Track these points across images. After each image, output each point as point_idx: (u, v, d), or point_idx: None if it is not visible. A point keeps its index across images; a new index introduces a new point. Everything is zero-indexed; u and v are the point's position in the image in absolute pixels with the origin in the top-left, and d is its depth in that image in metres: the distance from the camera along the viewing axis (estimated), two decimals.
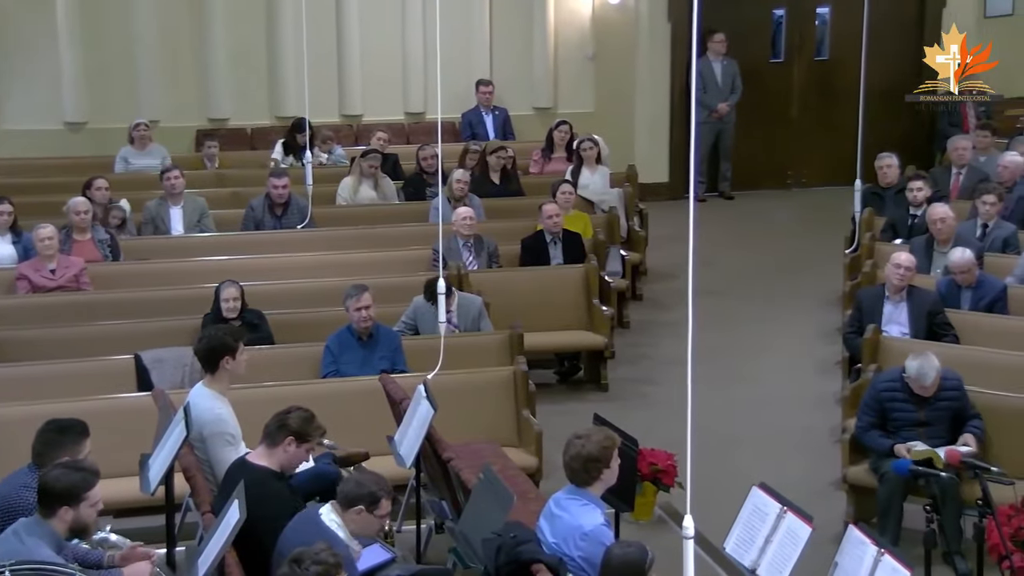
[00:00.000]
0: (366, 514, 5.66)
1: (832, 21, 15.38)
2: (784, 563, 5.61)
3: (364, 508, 5.65)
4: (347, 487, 5.74)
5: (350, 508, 5.66)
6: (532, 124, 14.66)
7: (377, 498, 5.67)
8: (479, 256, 10.35)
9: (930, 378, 7.34)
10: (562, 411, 9.33)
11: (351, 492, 5.69)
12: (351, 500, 5.66)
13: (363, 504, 5.65)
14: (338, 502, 5.71)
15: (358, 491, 5.68)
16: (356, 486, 5.71)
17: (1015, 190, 10.87)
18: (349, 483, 5.79)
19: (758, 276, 12.67)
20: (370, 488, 5.68)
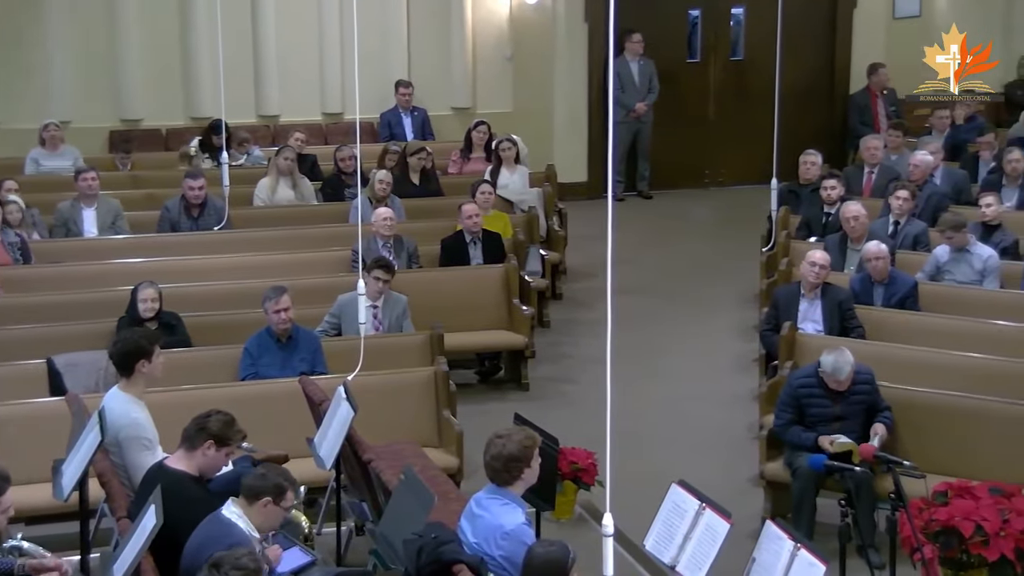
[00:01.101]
0: (272, 506, 5.65)
1: (746, 22, 15.55)
2: (703, 559, 5.66)
3: (271, 500, 5.64)
4: (251, 480, 5.72)
5: (256, 501, 5.63)
6: (451, 124, 14.65)
7: (283, 489, 5.66)
8: (399, 257, 10.32)
9: (845, 372, 7.47)
10: (483, 411, 9.33)
11: (257, 484, 5.67)
12: (257, 492, 5.64)
13: (270, 496, 5.63)
14: (243, 496, 5.68)
15: (263, 483, 5.66)
16: (260, 479, 5.70)
17: (925, 188, 11.08)
18: (253, 476, 5.75)
19: (676, 275, 12.77)
20: (275, 480, 5.68)
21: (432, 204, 11.87)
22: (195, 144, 13.09)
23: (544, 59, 14.95)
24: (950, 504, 6.23)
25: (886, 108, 14.61)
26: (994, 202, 10.19)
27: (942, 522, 6.14)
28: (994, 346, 8.54)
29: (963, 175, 11.87)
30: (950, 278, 9.71)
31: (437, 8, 14.71)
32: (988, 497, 6.23)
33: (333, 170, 12.27)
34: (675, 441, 9.15)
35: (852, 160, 13.85)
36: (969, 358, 8.39)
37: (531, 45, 14.89)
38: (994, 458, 7.40)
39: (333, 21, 14.33)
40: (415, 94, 14.36)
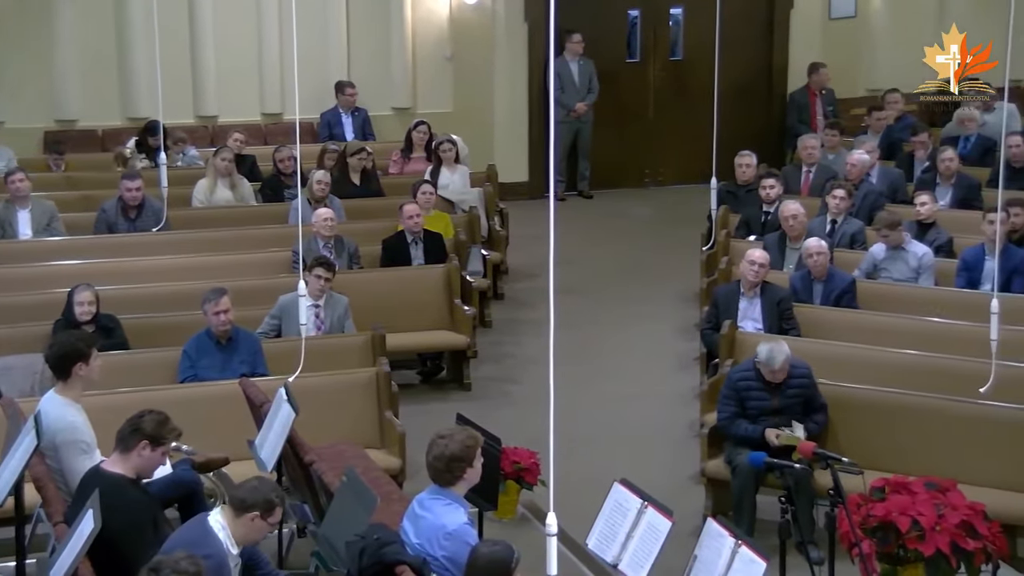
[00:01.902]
0: (260, 520, 5.58)
1: (685, 22, 15.64)
2: (645, 557, 5.69)
3: (259, 514, 5.57)
4: (242, 492, 5.62)
5: (244, 513, 5.56)
6: (391, 124, 14.61)
7: (272, 504, 5.59)
8: (340, 257, 10.28)
9: (778, 361, 7.55)
10: (425, 411, 9.32)
11: (247, 497, 5.58)
12: (247, 505, 5.56)
13: (258, 510, 5.56)
14: (231, 506, 5.61)
15: (254, 496, 5.57)
16: (252, 491, 5.60)
17: (862, 187, 11.20)
18: (245, 488, 5.65)
19: (618, 274, 12.82)
20: (266, 494, 5.59)
21: (373, 204, 11.84)
22: (131, 145, 12.96)
23: (484, 59, 14.95)
24: (887, 500, 6.32)
25: (824, 108, 14.76)
26: (928, 201, 10.33)
27: (879, 517, 6.23)
28: (929, 343, 8.65)
29: (898, 174, 12.02)
30: (886, 276, 9.83)
31: (376, 8, 14.67)
32: (924, 492, 6.33)
33: (272, 171, 12.19)
34: (617, 440, 9.19)
35: (790, 159, 13.97)
36: (905, 355, 8.50)
37: (471, 45, 14.88)
38: (930, 453, 7.51)
39: (272, 21, 14.24)
40: (356, 94, 14.30)
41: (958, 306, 9.09)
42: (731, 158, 11.79)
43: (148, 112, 13.16)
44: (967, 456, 7.45)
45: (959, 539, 6.13)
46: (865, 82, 15.54)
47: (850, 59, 15.51)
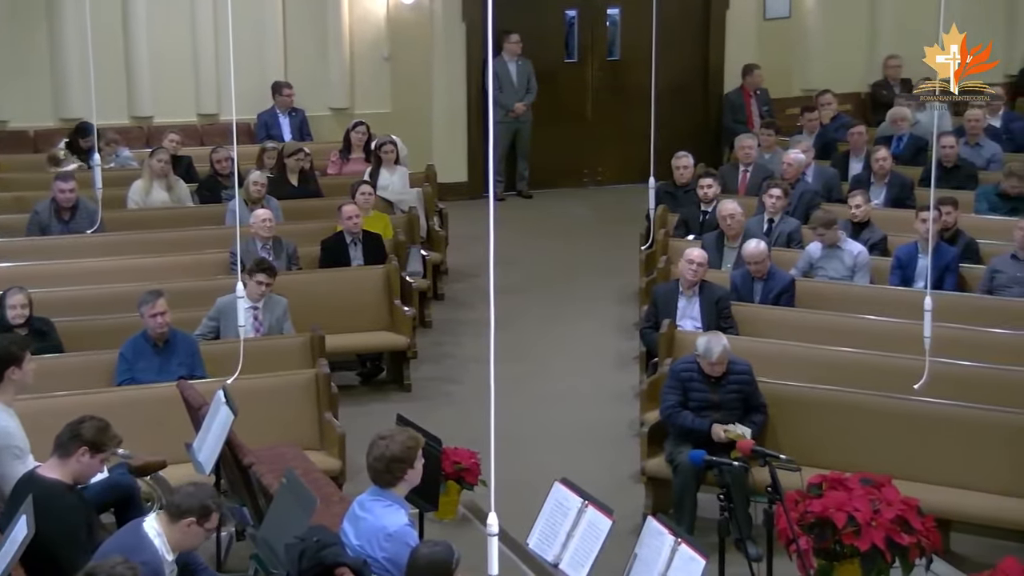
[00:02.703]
0: (196, 527, 5.53)
1: (622, 22, 15.69)
2: (586, 556, 5.70)
3: (195, 520, 5.52)
4: (178, 498, 5.58)
5: (180, 519, 5.51)
6: (329, 125, 14.54)
7: (209, 510, 5.55)
8: (278, 258, 10.22)
9: (715, 353, 7.61)
10: (365, 412, 9.30)
11: (183, 503, 5.53)
12: (182, 511, 5.52)
13: (194, 516, 5.51)
14: (166, 512, 5.56)
15: (189, 502, 5.53)
16: (188, 497, 5.56)
17: (798, 186, 11.31)
18: (181, 494, 5.61)
19: (557, 274, 12.85)
20: (202, 500, 5.55)
21: (311, 205, 11.78)
22: (62, 146, 12.77)
23: (422, 59, 14.92)
24: (824, 496, 6.38)
25: (759, 108, 14.89)
26: (862, 201, 10.44)
27: (816, 514, 6.28)
28: (865, 340, 8.75)
29: (834, 173, 12.15)
30: (822, 274, 9.93)
31: (313, 8, 14.58)
32: (860, 488, 6.40)
33: (209, 172, 12.10)
34: (558, 439, 9.21)
35: (727, 159, 14.07)
36: (841, 352, 8.59)
37: (409, 45, 14.84)
38: (866, 449, 7.60)
39: (207, 20, 14.11)
40: (293, 94, 14.21)
41: (892, 304, 9.21)
42: (669, 158, 11.87)
43: (81, 113, 12.99)
44: (902, 452, 7.56)
45: (894, 534, 6.20)
46: (800, 82, 15.68)
47: (785, 59, 15.65)
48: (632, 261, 11.60)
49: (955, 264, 9.66)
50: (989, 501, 7.32)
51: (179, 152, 12.53)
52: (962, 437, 7.52)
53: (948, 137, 11.90)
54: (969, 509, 7.32)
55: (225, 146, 11.94)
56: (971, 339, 8.62)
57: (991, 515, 7.30)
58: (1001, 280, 9.46)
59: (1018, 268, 9.44)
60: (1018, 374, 8.13)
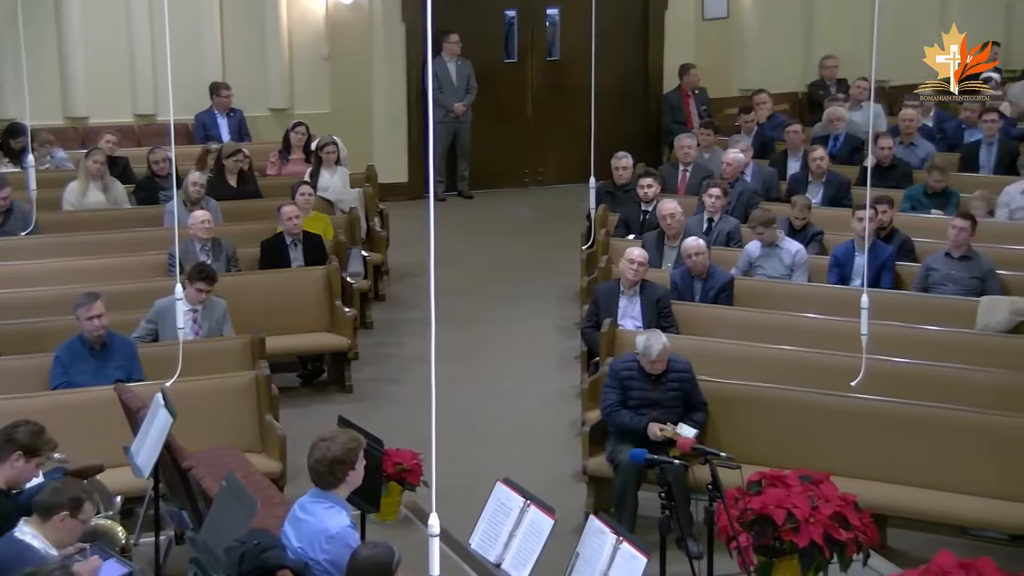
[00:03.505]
0: (70, 519, 5.53)
1: (562, 22, 15.74)
2: (528, 556, 5.71)
3: (67, 514, 5.51)
4: (44, 496, 5.58)
5: (51, 516, 5.49)
6: (268, 125, 14.44)
7: (79, 501, 5.56)
8: (217, 260, 10.15)
9: (654, 351, 7.65)
10: (306, 414, 9.25)
11: (49, 500, 5.54)
12: (50, 508, 5.51)
13: (66, 510, 5.50)
14: (36, 514, 5.54)
15: (57, 498, 5.54)
16: (53, 493, 5.57)
17: (737, 185, 11.40)
18: (46, 492, 5.62)
19: (499, 274, 12.86)
20: (70, 493, 5.56)
21: (250, 206, 11.70)
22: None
23: (362, 59, 14.86)
24: (763, 493, 6.43)
25: (698, 107, 14.99)
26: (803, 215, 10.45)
27: (756, 511, 6.33)
28: (803, 338, 8.83)
29: (772, 172, 12.25)
30: (761, 273, 10.02)
31: (251, 8, 14.48)
32: (799, 485, 6.45)
33: (146, 173, 11.98)
34: (500, 439, 9.22)
35: (667, 159, 14.15)
36: (780, 350, 8.67)
37: (348, 45, 14.79)
38: (804, 446, 7.67)
39: (143, 20, 13.96)
40: (231, 95, 14.10)
41: (830, 302, 9.30)
42: (609, 157, 11.90)
43: (15, 114, 12.82)
44: (839, 448, 7.64)
45: (832, 530, 6.26)
46: (738, 82, 15.81)
47: (723, 59, 15.77)
48: (573, 261, 11.63)
49: (891, 262, 9.78)
50: (925, 496, 7.42)
51: (115, 153, 12.40)
52: (898, 433, 7.62)
53: (885, 138, 12.05)
54: (905, 504, 7.41)
55: (162, 147, 11.82)
56: (907, 336, 8.73)
57: (927, 510, 7.40)
58: (935, 278, 9.60)
59: (952, 266, 9.57)
60: (953, 370, 8.24)
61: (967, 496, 7.36)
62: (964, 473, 7.42)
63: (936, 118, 13.72)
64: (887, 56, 14.49)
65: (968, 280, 9.50)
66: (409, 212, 13.30)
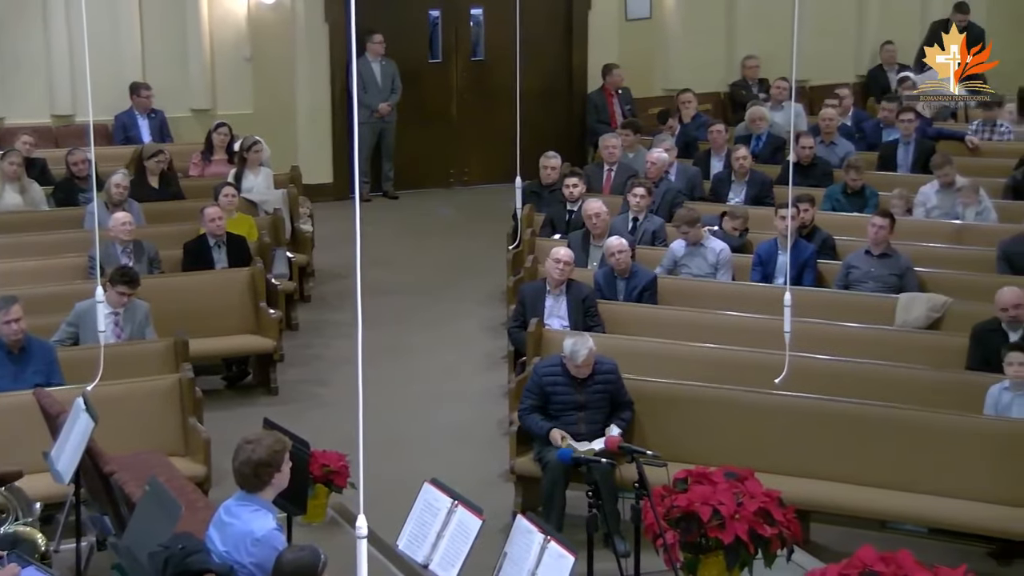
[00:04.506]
0: None
1: (486, 22, 15.74)
2: (456, 556, 5.71)
3: None
4: None
5: None
6: (190, 126, 14.29)
7: None
8: (139, 262, 10.03)
9: (581, 355, 7.68)
10: (231, 417, 9.17)
11: None
12: None
13: None
14: None
15: None
16: None
17: (661, 185, 11.47)
18: None
19: (425, 274, 12.83)
20: None
21: (173, 208, 11.58)
22: None
23: (285, 60, 14.76)
24: (689, 490, 6.49)
25: (622, 107, 15.07)
26: (738, 225, 10.55)
27: (682, 508, 6.39)
28: (727, 336, 8.92)
29: (696, 172, 12.36)
30: (686, 271, 10.10)
31: (171, 7, 14.31)
32: (724, 482, 6.52)
33: (65, 174, 11.81)
34: (427, 440, 9.20)
35: (592, 158, 14.21)
36: (705, 348, 8.75)
37: (271, 45, 14.67)
38: (729, 444, 7.75)
39: (59, 19, 13.73)
40: (152, 96, 13.93)
41: (754, 300, 9.39)
42: (535, 157, 11.93)
43: None
44: (764, 445, 7.73)
45: (757, 526, 6.33)
46: (662, 82, 15.92)
47: (647, 59, 15.86)
48: (499, 261, 11.64)
49: (813, 260, 9.90)
50: (846, 491, 7.52)
51: (33, 154, 12.20)
52: (821, 429, 7.72)
53: (806, 137, 12.20)
54: (828, 499, 7.51)
55: (82, 148, 11.66)
56: (828, 333, 8.84)
57: (848, 505, 7.51)
58: (856, 275, 9.74)
59: (871, 263, 9.72)
60: (873, 367, 8.37)
61: (887, 491, 7.49)
62: (884, 468, 7.54)
63: (855, 117, 13.92)
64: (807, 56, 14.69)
65: (887, 277, 9.65)
66: (334, 213, 13.23)
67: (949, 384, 8.13)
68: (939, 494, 7.39)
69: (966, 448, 7.45)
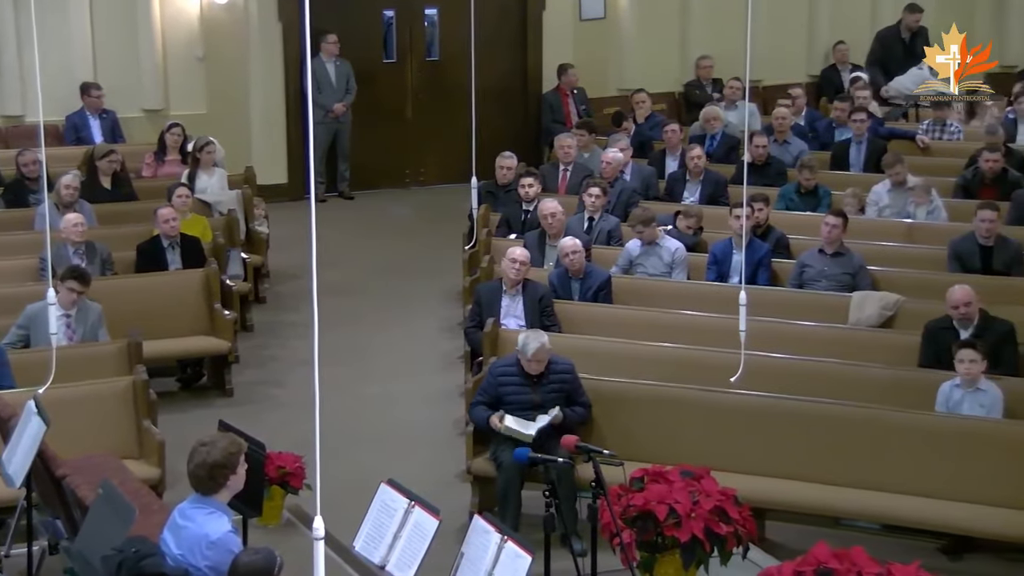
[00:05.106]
0: None
1: (441, 22, 15.73)
2: (413, 557, 5.70)
3: None
4: None
5: None
6: (142, 126, 14.18)
7: None
8: (92, 263, 9.95)
9: (531, 348, 7.68)
10: (186, 419, 9.12)
11: None
12: None
13: None
14: None
15: None
16: None
17: (616, 184, 11.51)
18: None
19: (381, 274, 12.80)
20: None
21: (125, 209, 11.50)
22: None
23: (238, 60, 14.68)
24: (646, 489, 6.50)
25: (577, 107, 15.10)
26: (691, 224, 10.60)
27: (639, 507, 6.40)
28: (683, 335, 8.96)
29: (651, 171, 12.39)
30: (642, 271, 10.13)
31: (122, 6, 14.19)
32: (680, 480, 6.54)
33: (15, 175, 11.69)
34: (384, 441, 9.18)
35: (547, 158, 14.23)
36: (661, 347, 8.78)
37: (224, 45, 14.58)
38: (686, 442, 7.78)
39: (8, 18, 13.57)
40: (103, 96, 13.80)
41: (709, 299, 9.44)
42: (490, 157, 11.93)
43: None
44: (720, 443, 7.76)
45: (712, 524, 6.35)
46: (616, 81, 15.96)
47: (601, 59, 15.90)
48: (455, 261, 11.63)
49: (767, 259, 9.96)
50: (801, 489, 7.58)
51: None
52: (776, 428, 7.76)
53: (760, 136, 12.28)
54: (783, 497, 7.56)
55: (32, 149, 11.53)
56: (783, 332, 8.90)
57: (803, 502, 7.56)
58: (810, 274, 9.80)
59: (825, 262, 9.79)
60: (827, 365, 8.43)
61: (841, 488, 7.54)
62: (839, 465, 7.59)
63: (808, 117, 14.02)
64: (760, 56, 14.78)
65: (841, 276, 9.73)
66: (289, 213, 13.18)
67: (901, 382, 8.21)
68: (892, 491, 7.46)
69: (918, 445, 7.52)
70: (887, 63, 15.35)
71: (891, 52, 15.38)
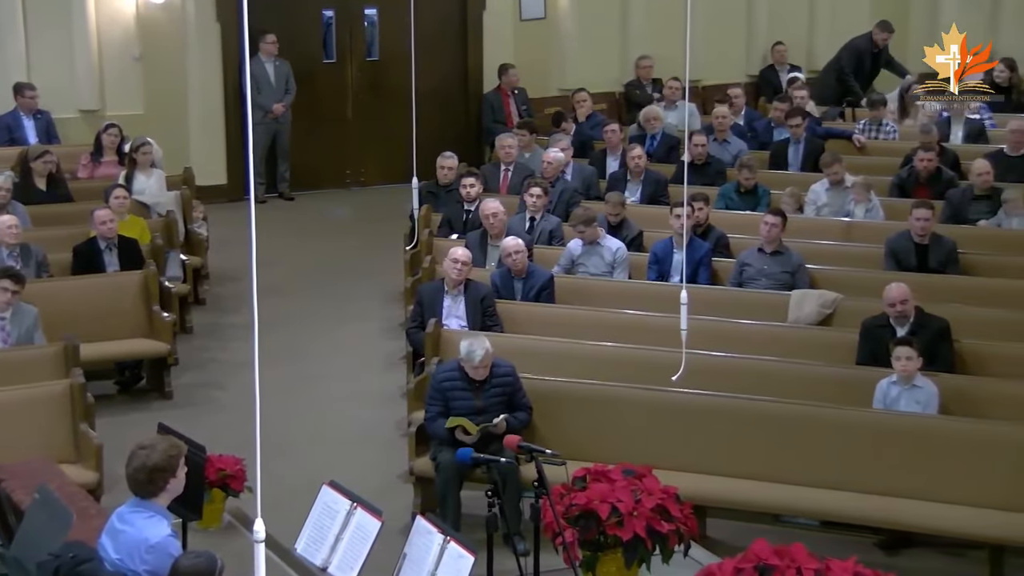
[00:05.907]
0: None
1: (380, 22, 15.68)
2: (355, 559, 5.69)
3: None
4: None
5: None
6: (78, 127, 14.00)
7: None
8: (27, 266, 9.83)
9: (477, 356, 7.67)
10: (124, 422, 9.03)
11: None
12: None
13: None
14: None
15: None
16: None
17: (558, 184, 11.53)
18: None
19: (322, 275, 12.74)
20: None
21: (61, 210, 11.36)
22: None
23: (176, 60, 14.54)
24: (588, 488, 6.52)
25: (518, 107, 15.12)
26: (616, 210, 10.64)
27: (581, 506, 6.42)
28: (625, 334, 8.99)
29: (592, 171, 12.44)
30: (583, 271, 10.16)
31: (56, 5, 14.00)
32: (622, 479, 6.57)
33: None
34: (326, 442, 9.14)
35: (489, 158, 14.23)
36: (602, 347, 8.81)
37: (161, 45, 14.44)
38: (628, 441, 7.82)
39: None
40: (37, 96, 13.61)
41: (650, 298, 9.48)
42: (431, 158, 11.91)
43: None
44: (661, 442, 7.80)
45: (654, 522, 6.38)
46: (557, 81, 16.00)
47: (542, 60, 15.93)
48: (397, 261, 11.60)
49: (708, 258, 10.02)
50: (741, 486, 7.64)
51: None
52: (717, 426, 7.82)
53: (700, 136, 12.35)
54: (723, 495, 7.62)
55: None
56: (723, 331, 8.96)
57: (743, 499, 7.63)
58: (749, 273, 9.88)
59: (764, 261, 9.87)
60: (767, 363, 8.51)
61: (781, 485, 7.61)
62: (778, 462, 7.66)
63: (747, 117, 14.13)
64: (700, 57, 14.89)
65: (780, 275, 9.81)
66: (229, 215, 13.08)
67: (839, 379, 8.30)
68: (830, 487, 7.54)
69: (856, 442, 7.60)
70: (857, 74, 15.42)
71: (861, 64, 15.45)
